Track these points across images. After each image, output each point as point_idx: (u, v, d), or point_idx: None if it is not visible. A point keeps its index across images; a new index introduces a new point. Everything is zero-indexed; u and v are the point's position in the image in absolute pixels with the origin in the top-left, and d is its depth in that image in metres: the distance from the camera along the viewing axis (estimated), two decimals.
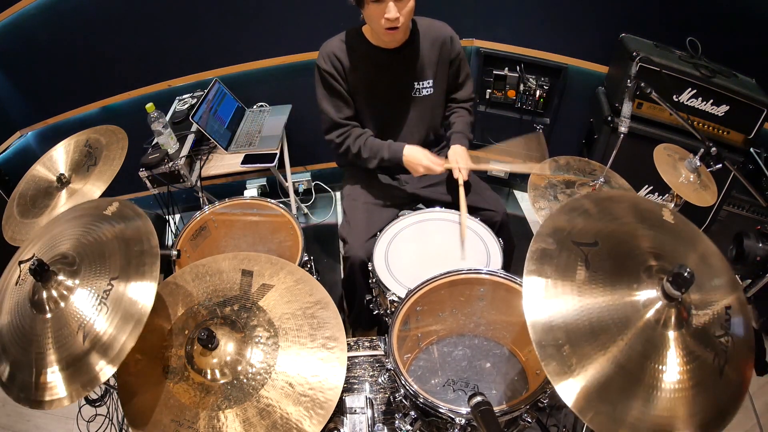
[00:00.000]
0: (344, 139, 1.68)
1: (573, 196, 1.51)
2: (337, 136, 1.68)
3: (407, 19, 1.49)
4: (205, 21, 2.31)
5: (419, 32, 1.64)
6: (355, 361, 1.41)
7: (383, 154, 1.64)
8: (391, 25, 1.46)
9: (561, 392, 0.78)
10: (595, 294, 0.86)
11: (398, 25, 1.46)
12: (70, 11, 2.20)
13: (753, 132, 1.95)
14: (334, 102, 1.66)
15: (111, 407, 1.54)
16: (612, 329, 0.82)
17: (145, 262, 0.93)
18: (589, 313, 0.84)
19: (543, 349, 0.80)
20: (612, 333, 0.82)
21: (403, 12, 1.44)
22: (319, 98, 1.67)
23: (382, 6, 1.41)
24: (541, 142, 1.66)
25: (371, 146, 1.65)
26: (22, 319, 0.93)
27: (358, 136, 1.67)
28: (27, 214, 1.42)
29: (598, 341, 0.81)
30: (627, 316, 0.83)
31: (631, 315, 0.84)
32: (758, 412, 1.71)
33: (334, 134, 1.69)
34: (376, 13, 1.44)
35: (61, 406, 0.85)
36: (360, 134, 1.67)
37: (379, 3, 1.41)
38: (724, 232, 2.16)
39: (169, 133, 2.07)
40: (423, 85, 1.69)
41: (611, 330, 0.82)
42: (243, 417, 0.89)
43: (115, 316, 0.88)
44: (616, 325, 0.83)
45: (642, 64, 1.88)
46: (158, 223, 2.19)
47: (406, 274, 1.44)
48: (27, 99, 2.51)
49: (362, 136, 1.67)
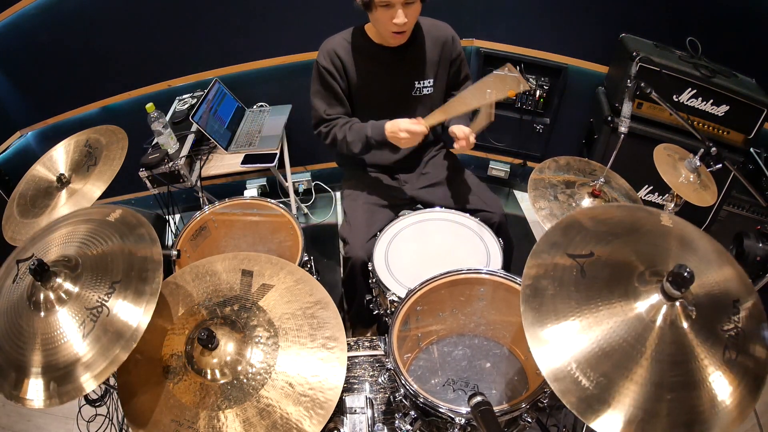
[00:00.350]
0: (331, 128, 1.68)
1: (573, 197, 1.51)
2: (324, 127, 1.69)
3: (413, 23, 1.52)
4: (205, 21, 2.31)
5: (422, 31, 1.65)
6: (355, 361, 1.41)
7: (366, 131, 1.60)
8: (399, 30, 1.49)
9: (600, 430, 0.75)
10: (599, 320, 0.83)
11: (406, 29, 1.50)
12: (70, 11, 2.19)
13: (753, 132, 1.95)
14: (327, 99, 1.67)
15: (111, 407, 1.54)
16: (626, 348, 0.80)
17: (147, 276, 0.93)
18: (598, 339, 0.81)
19: (564, 395, 0.77)
20: (628, 353, 0.79)
21: (410, 16, 1.47)
22: (313, 93, 1.69)
23: (391, 11, 1.44)
24: (512, 71, 1.55)
25: (356, 129, 1.63)
26: (16, 316, 0.93)
27: (344, 123, 1.67)
28: (27, 214, 1.42)
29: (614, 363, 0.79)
30: (637, 331, 0.81)
31: (641, 330, 0.81)
32: (758, 412, 1.71)
33: (321, 127, 1.70)
34: (384, 18, 1.46)
35: (54, 405, 0.85)
36: (346, 122, 1.67)
37: (388, 8, 1.43)
38: (724, 232, 2.16)
39: (169, 133, 2.07)
40: (424, 84, 1.70)
41: (624, 349, 0.80)
42: (243, 417, 0.89)
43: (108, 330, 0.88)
44: (629, 344, 0.80)
45: (642, 64, 1.88)
46: (158, 223, 2.19)
47: (406, 274, 1.44)
48: (27, 99, 2.51)
49: (348, 123, 1.66)
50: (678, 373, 0.78)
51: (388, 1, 1.41)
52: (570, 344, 0.81)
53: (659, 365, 0.78)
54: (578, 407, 0.76)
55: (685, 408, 0.77)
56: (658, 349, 0.79)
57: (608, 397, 0.77)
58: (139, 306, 0.90)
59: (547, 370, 0.79)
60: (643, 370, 0.78)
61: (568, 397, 0.77)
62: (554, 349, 0.81)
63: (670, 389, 0.77)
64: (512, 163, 2.82)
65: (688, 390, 0.78)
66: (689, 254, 0.93)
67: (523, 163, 2.76)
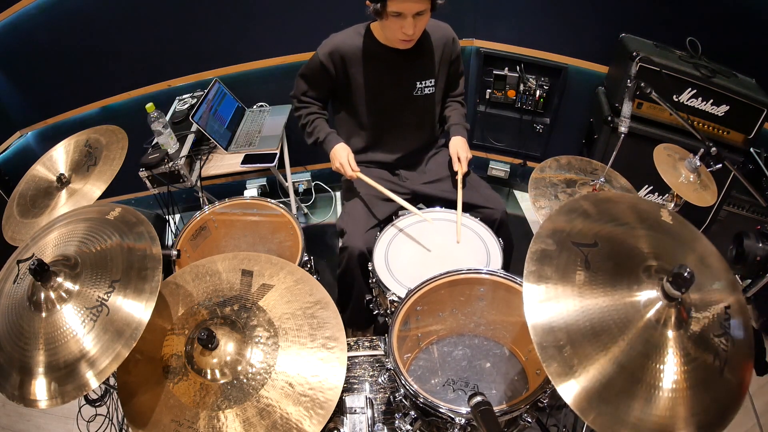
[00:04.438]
0: (301, 108, 1.77)
1: (573, 196, 1.51)
2: (297, 102, 1.78)
3: (421, 31, 1.56)
4: (205, 21, 2.31)
5: (426, 32, 1.65)
6: (355, 361, 1.41)
7: (319, 136, 1.73)
8: (408, 38, 1.52)
9: (563, 393, 0.78)
10: (596, 295, 0.85)
11: (414, 38, 1.54)
12: (70, 11, 2.20)
13: (753, 132, 1.95)
14: (310, 86, 1.73)
15: (111, 407, 1.54)
16: (613, 329, 0.82)
17: (146, 274, 0.93)
18: (590, 313, 0.84)
19: (544, 351, 0.80)
20: (613, 333, 0.82)
21: (419, 26, 1.50)
22: (301, 73, 1.73)
23: (402, 21, 1.46)
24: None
25: (316, 125, 1.75)
26: (17, 317, 0.93)
27: (311, 113, 1.76)
28: (27, 214, 1.42)
29: (600, 341, 0.81)
30: (628, 316, 0.83)
31: (631, 315, 0.84)
32: (758, 412, 1.71)
33: (295, 101, 1.79)
34: (394, 26, 1.49)
35: (57, 405, 0.85)
36: (314, 112, 1.76)
37: (399, 18, 1.46)
38: (724, 232, 2.16)
39: (169, 133, 2.07)
40: (425, 84, 1.71)
41: (612, 330, 0.82)
42: (243, 417, 0.89)
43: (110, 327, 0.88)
44: (617, 326, 0.82)
45: (642, 64, 1.88)
46: (158, 223, 2.19)
47: (406, 274, 1.44)
48: (27, 99, 2.51)
49: (314, 115, 1.76)
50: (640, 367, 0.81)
51: (400, 11, 1.43)
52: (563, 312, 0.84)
53: (630, 351, 0.81)
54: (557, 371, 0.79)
55: (628, 394, 0.79)
56: (636, 338, 0.82)
57: (580, 367, 0.79)
58: (139, 304, 0.90)
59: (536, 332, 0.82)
60: (618, 350, 0.81)
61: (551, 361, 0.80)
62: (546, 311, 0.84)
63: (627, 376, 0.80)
64: (512, 163, 2.82)
65: (637, 386, 0.80)
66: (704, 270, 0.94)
67: (523, 163, 2.76)
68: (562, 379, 0.78)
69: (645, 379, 0.80)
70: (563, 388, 0.78)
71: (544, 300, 0.85)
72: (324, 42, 1.65)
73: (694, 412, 0.80)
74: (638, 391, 0.79)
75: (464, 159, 1.70)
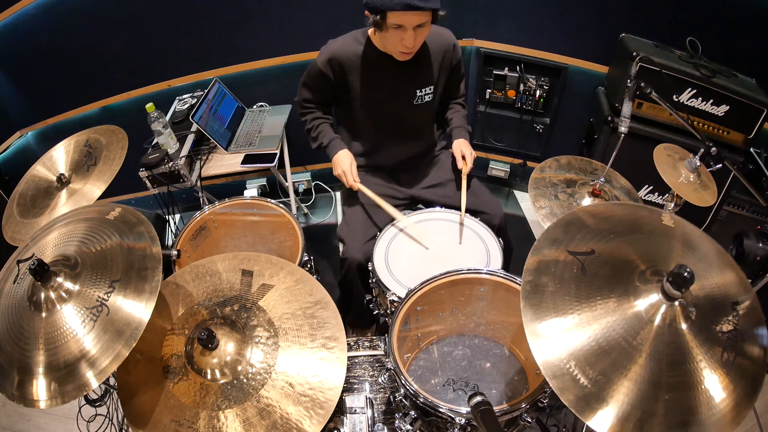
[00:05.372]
0: (307, 113, 1.79)
1: (573, 196, 1.51)
2: (302, 108, 1.79)
3: (421, 42, 1.54)
4: (205, 21, 2.31)
5: (426, 41, 1.63)
6: (355, 361, 1.42)
7: (323, 141, 1.74)
8: (408, 50, 1.50)
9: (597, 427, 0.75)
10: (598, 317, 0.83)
11: (414, 50, 1.52)
12: (70, 11, 2.19)
13: (753, 132, 1.95)
14: (311, 93, 1.74)
15: (111, 407, 1.54)
16: (624, 346, 0.80)
17: (146, 274, 0.93)
18: (596, 335, 0.81)
19: (562, 393, 0.77)
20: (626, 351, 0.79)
21: (419, 38, 1.48)
22: (302, 82, 1.74)
23: (402, 33, 1.44)
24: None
25: (321, 130, 1.76)
26: (17, 317, 0.93)
27: (317, 117, 1.78)
28: (27, 214, 1.42)
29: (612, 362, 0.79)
30: (636, 330, 0.81)
31: (639, 329, 0.81)
32: (758, 412, 1.71)
33: (299, 107, 1.80)
34: (394, 38, 1.47)
35: (57, 405, 0.85)
36: (319, 117, 1.78)
37: (399, 30, 1.43)
38: (724, 232, 2.16)
39: (169, 133, 2.07)
40: (425, 92, 1.70)
41: (623, 347, 0.80)
42: (243, 417, 0.89)
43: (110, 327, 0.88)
44: (627, 342, 0.80)
45: (642, 64, 1.88)
46: (158, 223, 2.19)
47: (406, 274, 1.44)
48: (27, 99, 2.51)
49: (319, 119, 1.77)
50: (675, 373, 0.78)
51: (401, 24, 1.41)
52: (568, 341, 0.82)
53: (657, 365, 0.78)
54: (576, 405, 0.76)
55: (681, 408, 0.77)
56: (656, 349, 0.80)
57: (606, 395, 0.77)
58: (139, 304, 0.90)
59: (546, 367, 0.79)
60: (640, 369, 0.78)
61: (567, 394, 0.77)
62: (553, 345, 0.81)
63: (668, 389, 0.77)
64: (512, 163, 2.82)
65: (685, 390, 0.78)
66: (690, 255, 0.93)
67: (523, 163, 2.76)
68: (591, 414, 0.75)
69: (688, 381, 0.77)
70: (595, 422, 0.75)
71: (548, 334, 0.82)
72: (322, 49, 1.63)
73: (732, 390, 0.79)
74: (687, 398, 0.76)
75: (469, 156, 1.69)
